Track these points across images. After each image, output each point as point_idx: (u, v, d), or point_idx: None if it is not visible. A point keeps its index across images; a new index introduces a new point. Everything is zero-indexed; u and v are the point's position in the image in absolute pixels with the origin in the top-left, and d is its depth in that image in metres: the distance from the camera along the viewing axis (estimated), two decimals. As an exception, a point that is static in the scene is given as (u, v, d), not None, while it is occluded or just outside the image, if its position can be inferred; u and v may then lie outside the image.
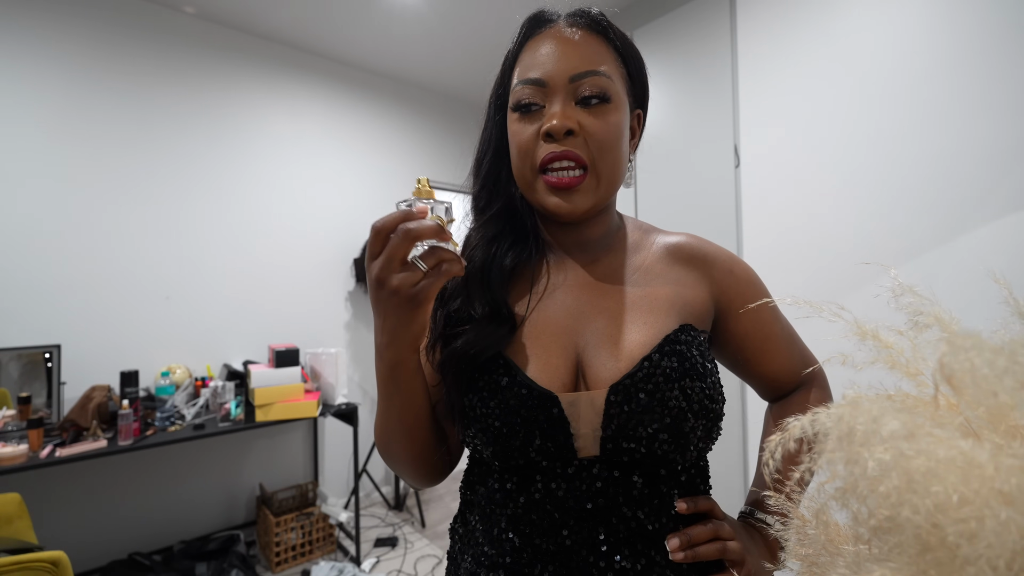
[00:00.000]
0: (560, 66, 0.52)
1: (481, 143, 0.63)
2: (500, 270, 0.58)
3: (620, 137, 0.53)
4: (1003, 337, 0.29)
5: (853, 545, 0.31)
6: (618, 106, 0.53)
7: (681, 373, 0.49)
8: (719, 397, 0.52)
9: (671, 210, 2.06)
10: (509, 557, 0.50)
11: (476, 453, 0.56)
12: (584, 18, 0.55)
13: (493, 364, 0.53)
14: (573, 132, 0.51)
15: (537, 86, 0.53)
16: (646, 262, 0.60)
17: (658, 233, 0.64)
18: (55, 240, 2.11)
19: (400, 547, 2.51)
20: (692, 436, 0.49)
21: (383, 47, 2.85)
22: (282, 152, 2.77)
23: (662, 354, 0.50)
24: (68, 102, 2.15)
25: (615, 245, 0.61)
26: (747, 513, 0.59)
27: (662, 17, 2.13)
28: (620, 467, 0.49)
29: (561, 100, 0.52)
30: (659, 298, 0.56)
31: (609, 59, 0.54)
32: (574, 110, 0.52)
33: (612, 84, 0.52)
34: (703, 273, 0.59)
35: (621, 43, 0.55)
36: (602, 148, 0.52)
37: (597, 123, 0.51)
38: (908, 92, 1.43)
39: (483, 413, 0.51)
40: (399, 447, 0.55)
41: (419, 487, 0.63)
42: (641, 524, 0.49)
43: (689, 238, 0.62)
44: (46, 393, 2.03)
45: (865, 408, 0.26)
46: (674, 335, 0.52)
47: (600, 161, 0.52)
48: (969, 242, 1.32)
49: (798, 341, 0.65)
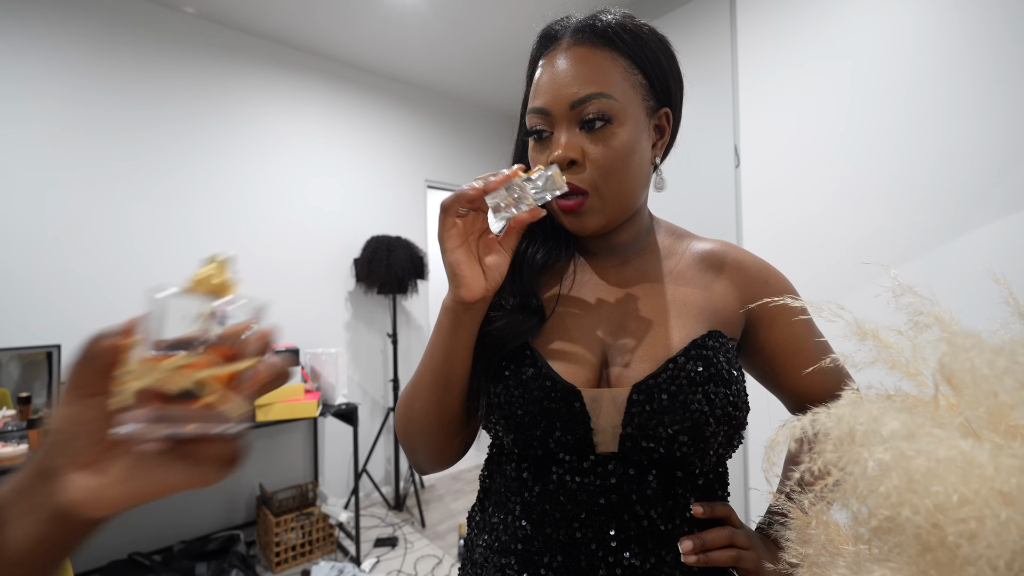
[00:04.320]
0: (561, 93, 0.52)
1: (514, 154, 0.64)
2: (531, 265, 0.60)
3: (627, 156, 0.53)
4: (1003, 337, 0.29)
5: (853, 545, 0.31)
6: (623, 123, 0.52)
7: (705, 378, 0.49)
8: (743, 405, 0.52)
9: (671, 210, 2.04)
10: (520, 544, 0.51)
11: (497, 439, 0.57)
12: (587, 32, 0.54)
13: (520, 354, 0.54)
14: (576, 162, 0.52)
15: (542, 115, 0.54)
16: (678, 267, 0.60)
17: (692, 239, 0.64)
18: (55, 240, 2.10)
19: (400, 547, 2.51)
20: (712, 441, 0.49)
21: (383, 47, 2.85)
22: (282, 152, 2.77)
23: (687, 357, 0.50)
24: (67, 102, 2.14)
25: (646, 248, 0.62)
26: (766, 525, 0.58)
27: (662, 17, 2.13)
28: (637, 466, 0.50)
29: (565, 128, 0.53)
30: (689, 303, 0.57)
31: (615, 73, 0.53)
32: (578, 137, 0.52)
33: (614, 104, 0.52)
34: (735, 281, 0.59)
35: (633, 48, 0.54)
36: (606, 173, 0.52)
37: (599, 149, 0.52)
38: (908, 92, 1.43)
39: (507, 401, 0.52)
40: (423, 407, 0.56)
41: (425, 467, 0.63)
42: (653, 523, 0.49)
43: (723, 245, 0.62)
44: (46, 393, 2.03)
45: (865, 408, 0.26)
46: (701, 340, 0.52)
47: (604, 185, 0.53)
48: (969, 242, 1.32)
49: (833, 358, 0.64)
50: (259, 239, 2.66)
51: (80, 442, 0.26)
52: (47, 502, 0.26)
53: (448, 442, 0.58)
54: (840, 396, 0.61)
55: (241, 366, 0.27)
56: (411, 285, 2.92)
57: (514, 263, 0.59)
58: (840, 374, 0.60)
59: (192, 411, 0.26)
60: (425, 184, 3.41)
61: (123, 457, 0.27)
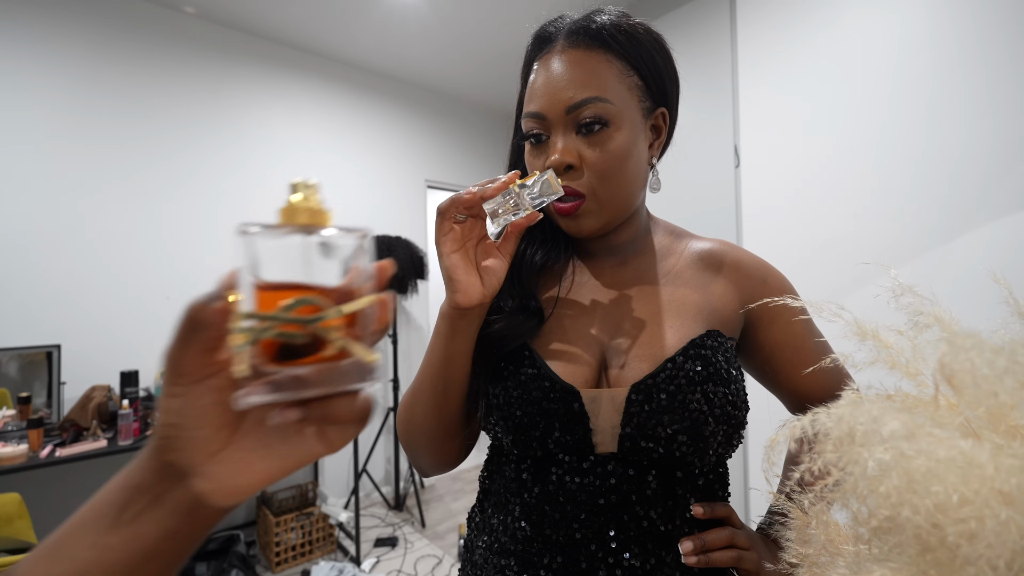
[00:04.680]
0: (556, 98, 0.52)
1: (511, 155, 0.63)
2: (530, 266, 0.60)
3: (624, 159, 0.53)
4: (1003, 337, 0.29)
5: (853, 545, 0.31)
6: (620, 126, 0.52)
7: (704, 377, 0.49)
8: (742, 404, 0.52)
9: (671, 210, 2.04)
10: (520, 545, 0.51)
11: (496, 440, 0.57)
12: (582, 34, 0.53)
13: (519, 355, 0.54)
14: (573, 166, 0.52)
15: (538, 119, 0.54)
16: (676, 267, 0.60)
17: (691, 238, 0.64)
18: (55, 240, 2.10)
19: (400, 547, 2.51)
20: (712, 440, 0.49)
21: (383, 47, 2.85)
22: (282, 152, 2.77)
23: (686, 357, 0.50)
24: (67, 101, 2.14)
25: (645, 249, 0.62)
26: (766, 525, 0.57)
27: (662, 17, 2.13)
28: (636, 466, 0.50)
29: (561, 132, 0.53)
30: (687, 303, 0.56)
31: (611, 75, 0.52)
32: (575, 141, 0.52)
33: (611, 107, 0.51)
34: (734, 281, 0.59)
35: (628, 50, 0.53)
36: (603, 176, 0.52)
37: (596, 153, 0.52)
38: (908, 92, 1.43)
39: (506, 402, 0.52)
40: (424, 411, 0.56)
41: (428, 469, 0.63)
42: (653, 524, 0.49)
43: (722, 245, 0.62)
44: (46, 393, 2.03)
45: (865, 408, 0.26)
46: (700, 340, 0.52)
47: (600, 188, 0.53)
48: (969, 242, 1.32)
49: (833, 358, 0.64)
50: (259, 239, 2.66)
51: (199, 433, 0.24)
52: (174, 498, 0.24)
53: (449, 444, 0.58)
54: (840, 396, 0.61)
55: (361, 304, 0.23)
56: (411, 285, 2.92)
57: (513, 265, 0.59)
58: (840, 374, 0.60)
59: (317, 367, 0.22)
60: (425, 184, 3.41)
61: (248, 437, 0.25)
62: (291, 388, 0.22)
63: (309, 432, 0.25)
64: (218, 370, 0.24)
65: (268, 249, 0.22)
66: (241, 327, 0.21)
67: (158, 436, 0.24)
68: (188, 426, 0.24)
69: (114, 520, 0.24)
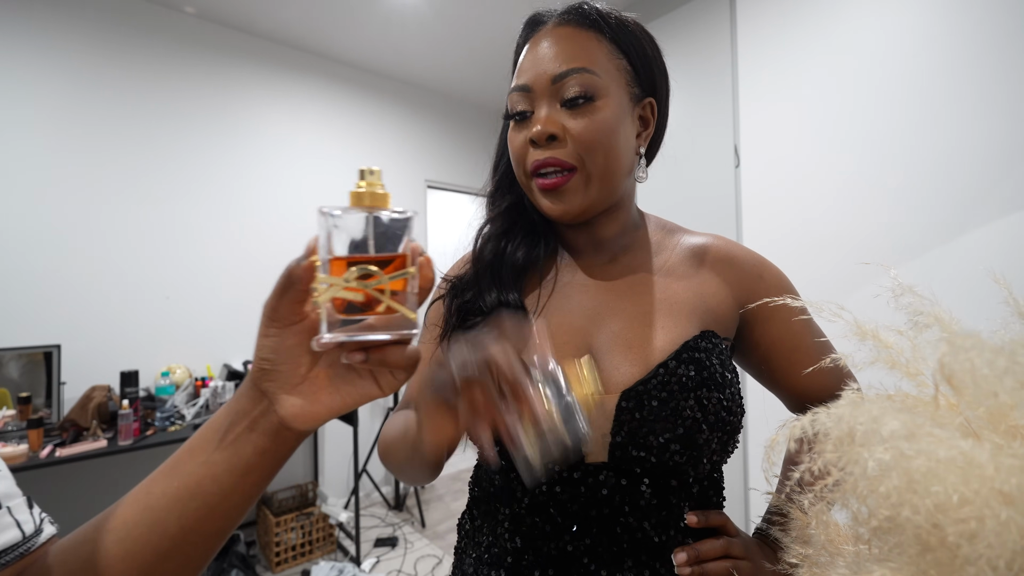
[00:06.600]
0: (542, 69, 0.51)
1: (498, 147, 0.62)
2: (511, 265, 0.57)
3: (611, 133, 0.51)
4: (1003, 337, 0.29)
5: (853, 545, 0.31)
6: (608, 102, 0.51)
7: (698, 382, 0.47)
8: (737, 409, 0.50)
9: (671, 210, 2.04)
10: (511, 557, 0.49)
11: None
12: (574, 14, 0.53)
13: None
14: (556, 137, 0.50)
15: (524, 92, 0.52)
16: (668, 263, 0.57)
17: (683, 233, 0.61)
18: (55, 240, 2.10)
19: (400, 547, 2.51)
20: (706, 448, 0.48)
21: (383, 47, 2.85)
22: (282, 152, 2.77)
23: (679, 361, 0.48)
24: (67, 101, 2.14)
25: (635, 245, 0.59)
26: (763, 530, 0.55)
27: (662, 17, 2.13)
28: (628, 475, 0.47)
29: (546, 104, 0.51)
30: (680, 302, 0.54)
31: (600, 54, 0.52)
32: (559, 112, 0.51)
33: (598, 80, 0.50)
34: (729, 277, 0.57)
35: (618, 34, 0.53)
36: (589, 148, 0.50)
37: (581, 124, 0.50)
38: (908, 92, 1.43)
39: None
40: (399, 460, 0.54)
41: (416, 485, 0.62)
42: (647, 535, 0.47)
43: (716, 240, 0.60)
44: (46, 393, 2.03)
45: (865, 408, 0.26)
46: (693, 342, 0.50)
47: (589, 161, 0.51)
48: (969, 242, 1.32)
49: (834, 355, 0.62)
50: (259, 239, 2.66)
51: (286, 367, 0.31)
52: (266, 420, 0.31)
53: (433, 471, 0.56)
54: (840, 396, 0.60)
55: (407, 272, 0.29)
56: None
57: (493, 261, 0.57)
58: (840, 373, 0.58)
59: (374, 318, 0.29)
60: (425, 184, 3.41)
61: (321, 375, 0.32)
62: (355, 332, 0.29)
63: (367, 376, 0.32)
64: (303, 318, 0.31)
65: (340, 226, 0.29)
66: (319, 287, 0.28)
67: (255, 368, 0.31)
68: (278, 360, 0.30)
69: (219, 442, 0.31)
